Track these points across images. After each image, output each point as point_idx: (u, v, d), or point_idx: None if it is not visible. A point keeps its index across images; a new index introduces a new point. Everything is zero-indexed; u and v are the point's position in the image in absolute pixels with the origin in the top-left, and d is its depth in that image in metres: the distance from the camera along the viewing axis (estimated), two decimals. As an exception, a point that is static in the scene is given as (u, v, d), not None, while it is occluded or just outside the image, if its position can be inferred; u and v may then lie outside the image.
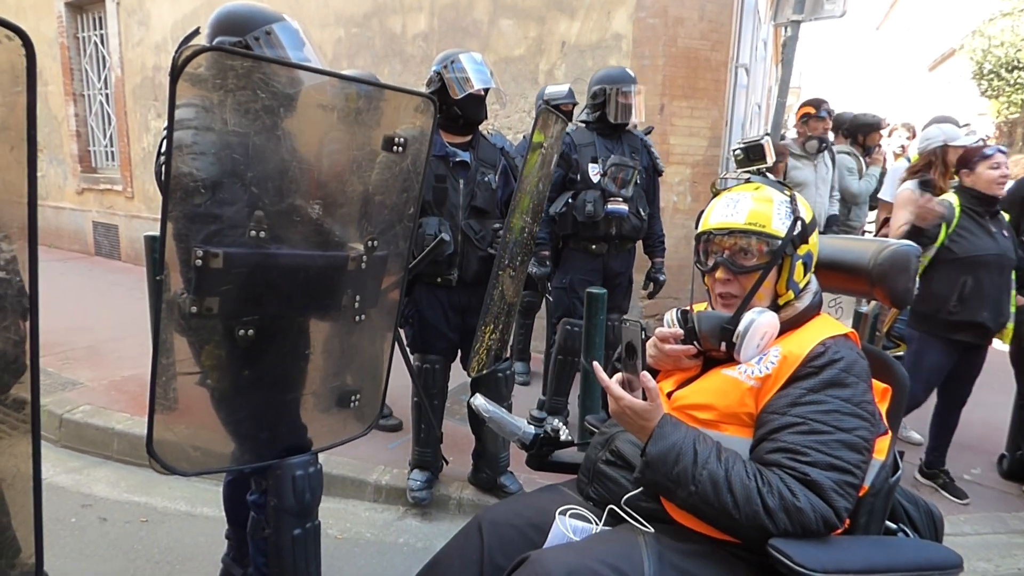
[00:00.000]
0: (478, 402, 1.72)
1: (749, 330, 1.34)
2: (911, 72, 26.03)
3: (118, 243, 8.10)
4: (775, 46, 9.32)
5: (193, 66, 1.19)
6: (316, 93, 1.49)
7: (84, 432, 3.41)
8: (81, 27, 8.04)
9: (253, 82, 1.32)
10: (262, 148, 1.38)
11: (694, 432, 1.29)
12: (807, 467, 1.20)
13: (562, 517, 1.39)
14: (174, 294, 1.36)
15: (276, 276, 1.48)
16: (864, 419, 1.26)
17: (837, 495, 1.19)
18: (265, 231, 1.41)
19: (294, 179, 1.46)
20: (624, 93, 3.24)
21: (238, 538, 2.22)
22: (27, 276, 0.88)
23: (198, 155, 1.30)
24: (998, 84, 14.14)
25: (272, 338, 1.53)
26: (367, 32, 5.69)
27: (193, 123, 1.28)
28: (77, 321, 5.20)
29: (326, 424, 1.75)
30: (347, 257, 1.59)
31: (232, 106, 1.30)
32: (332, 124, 1.53)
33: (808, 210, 1.45)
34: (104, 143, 8.21)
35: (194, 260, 1.33)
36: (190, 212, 1.32)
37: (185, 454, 1.48)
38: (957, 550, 1.24)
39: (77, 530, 2.70)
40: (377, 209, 1.65)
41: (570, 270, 3.43)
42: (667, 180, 4.69)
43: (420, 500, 2.88)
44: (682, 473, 1.23)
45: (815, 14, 4.62)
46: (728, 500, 1.20)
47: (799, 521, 1.17)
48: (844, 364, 1.29)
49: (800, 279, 1.43)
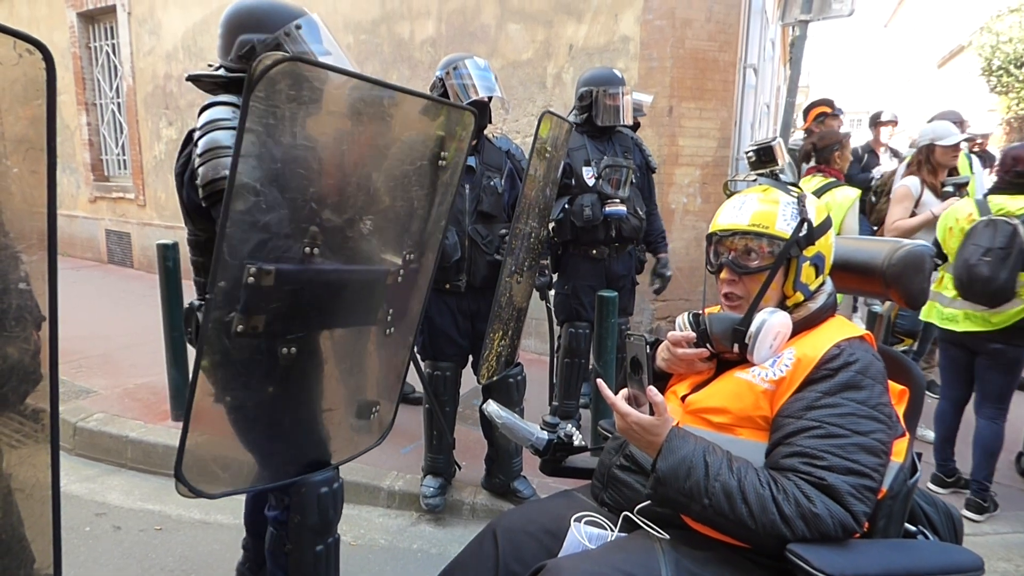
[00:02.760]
0: (491, 408, 1.72)
1: (761, 331, 1.33)
2: (920, 69, 25.89)
3: (130, 251, 8.17)
4: (783, 46, 9.29)
5: (270, 76, 1.15)
6: (374, 105, 1.43)
7: (98, 440, 3.44)
8: (93, 37, 8.12)
9: (319, 94, 1.28)
10: (323, 162, 1.35)
11: (704, 444, 1.27)
12: (824, 471, 1.19)
13: (577, 524, 1.38)
14: (220, 313, 1.29)
15: (322, 292, 1.45)
16: (881, 422, 1.24)
17: (855, 499, 1.18)
18: (318, 247, 1.37)
19: (351, 194, 1.43)
20: (611, 95, 3.21)
21: (256, 549, 2.20)
22: (47, 286, 0.88)
23: (253, 165, 1.23)
24: (1007, 80, 14.06)
25: (312, 355, 1.50)
26: (375, 38, 5.72)
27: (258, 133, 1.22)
28: (90, 329, 5.25)
29: (347, 437, 1.74)
30: (387, 271, 1.57)
31: (302, 118, 1.26)
32: (389, 138, 1.49)
33: (821, 212, 1.43)
34: (116, 152, 8.29)
35: (246, 278, 1.27)
36: (245, 226, 1.26)
37: (213, 475, 1.46)
38: (977, 551, 1.23)
39: (91, 539, 2.72)
40: (418, 223, 1.62)
41: (572, 276, 3.42)
42: (677, 182, 4.68)
43: (433, 507, 2.87)
44: (694, 487, 1.22)
45: (823, 13, 4.61)
46: (743, 510, 1.19)
47: (816, 527, 1.16)
48: (860, 366, 1.28)
49: (811, 281, 1.42)
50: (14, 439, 1.01)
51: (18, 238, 0.89)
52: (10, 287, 0.91)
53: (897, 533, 1.38)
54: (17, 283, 0.91)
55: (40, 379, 1.00)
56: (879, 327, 2.34)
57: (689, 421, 1.39)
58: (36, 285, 0.92)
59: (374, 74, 5.36)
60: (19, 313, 0.92)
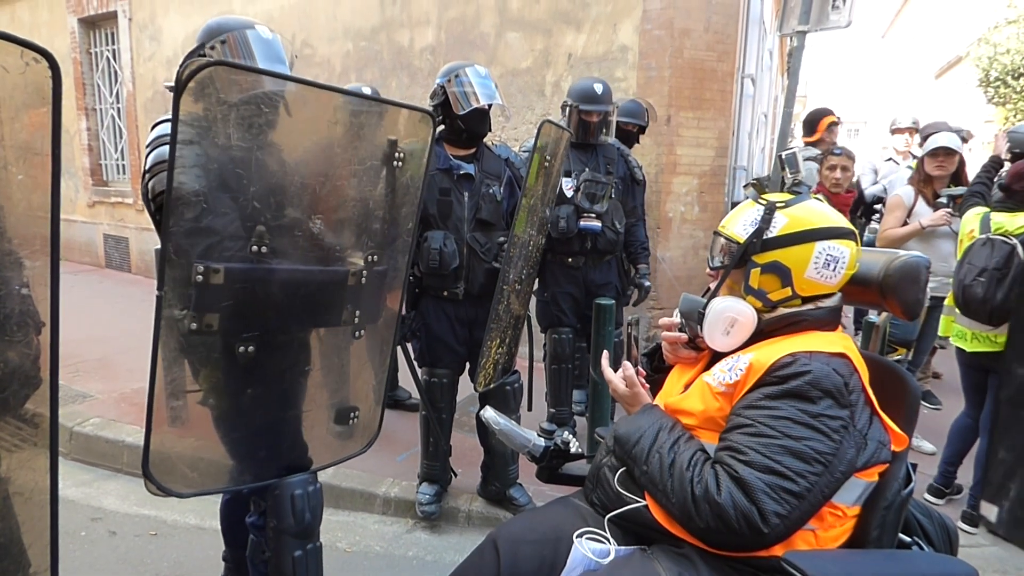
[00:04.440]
0: (488, 415, 1.72)
1: (710, 312, 1.42)
2: (918, 79, 26.02)
3: (128, 255, 8.16)
4: (781, 56, 9.34)
5: (196, 81, 1.20)
6: (315, 107, 1.49)
7: (94, 445, 3.43)
8: (94, 42, 8.15)
9: (254, 96, 1.32)
10: (263, 162, 1.38)
11: (667, 422, 1.39)
12: (742, 466, 1.22)
13: (579, 540, 1.39)
14: (173, 311, 1.35)
15: (277, 292, 1.48)
16: (820, 432, 1.23)
17: (768, 498, 1.18)
18: (266, 246, 1.41)
19: (295, 194, 1.46)
20: (585, 112, 3.21)
21: (236, 560, 2.18)
22: (48, 292, 0.89)
23: (194, 169, 1.29)
24: (1004, 91, 14.13)
25: (272, 354, 1.52)
26: (375, 45, 5.74)
27: (193, 138, 1.27)
28: (88, 333, 5.24)
29: (325, 442, 1.74)
30: (347, 272, 1.59)
31: (235, 120, 1.31)
32: (333, 138, 1.53)
33: (792, 225, 1.42)
34: (115, 156, 8.30)
35: (195, 276, 1.32)
36: (190, 227, 1.31)
37: (182, 474, 1.47)
38: (972, 562, 1.23)
39: (87, 544, 2.71)
40: (377, 224, 1.64)
41: (551, 283, 3.46)
42: (675, 191, 4.70)
43: (429, 514, 2.87)
44: (639, 453, 1.36)
45: (820, 24, 4.64)
46: (668, 484, 1.28)
47: (718, 515, 1.20)
48: (810, 378, 1.26)
49: (771, 289, 1.42)
50: (13, 443, 1.01)
51: (21, 244, 0.90)
52: (12, 292, 0.91)
53: (891, 543, 1.38)
54: (19, 288, 0.91)
55: (40, 383, 1.01)
56: (875, 337, 2.34)
57: None
58: (38, 290, 0.92)
59: (372, 82, 5.40)
60: (21, 318, 0.92)
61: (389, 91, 5.59)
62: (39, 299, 0.94)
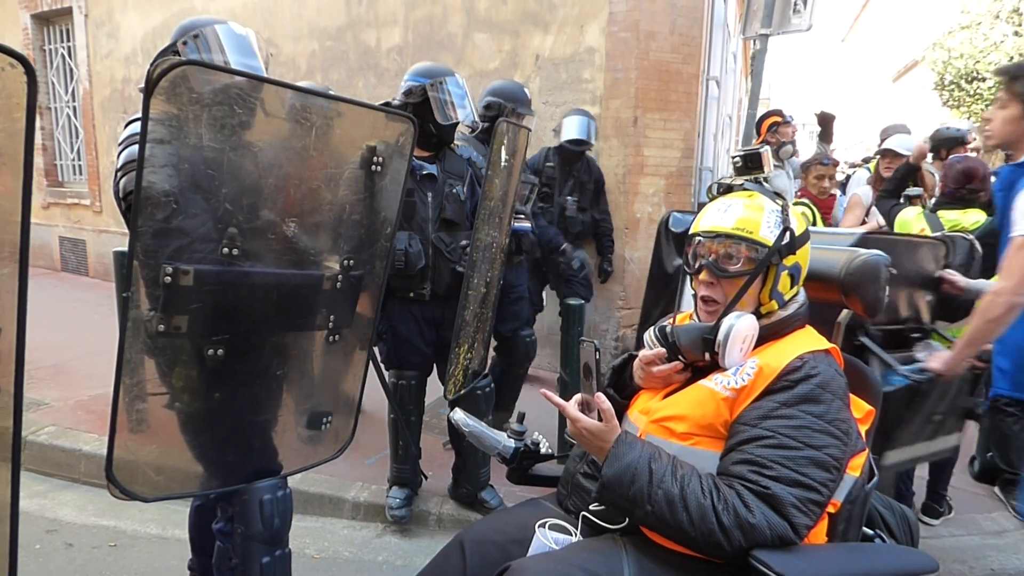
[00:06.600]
0: (458, 416, 1.70)
1: (730, 336, 1.33)
2: (875, 83, 26.70)
3: (86, 258, 7.93)
4: (745, 59, 9.50)
5: (168, 79, 1.18)
6: (291, 109, 1.47)
7: (49, 454, 3.32)
8: (48, 39, 7.90)
9: (227, 96, 1.30)
10: (235, 163, 1.36)
11: (650, 450, 1.28)
12: (770, 481, 1.20)
13: (542, 530, 1.38)
14: (141, 312, 1.32)
15: (248, 295, 1.45)
16: (836, 437, 1.25)
17: (798, 511, 1.18)
18: (238, 248, 1.38)
19: (268, 196, 1.44)
20: (519, 115, 3.24)
21: (203, 568, 2.14)
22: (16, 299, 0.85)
23: (165, 169, 1.27)
24: (959, 95, 14.54)
25: (242, 358, 1.49)
26: (341, 45, 5.67)
27: (164, 137, 1.25)
28: (43, 339, 5.05)
29: (296, 447, 1.71)
30: (322, 276, 1.57)
31: (207, 121, 1.29)
32: (309, 141, 1.50)
33: (801, 222, 1.44)
34: (71, 156, 8.06)
35: (163, 277, 1.30)
36: (159, 227, 1.29)
37: (147, 478, 1.44)
38: (932, 553, 1.26)
39: (42, 557, 2.62)
40: (353, 228, 1.62)
41: None
42: (642, 191, 4.73)
43: (399, 518, 2.83)
44: (638, 493, 1.23)
45: (782, 28, 4.72)
46: (684, 518, 1.19)
47: (753, 539, 1.16)
48: (820, 380, 1.28)
49: (786, 290, 1.43)
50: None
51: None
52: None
53: (856, 536, 1.41)
54: None
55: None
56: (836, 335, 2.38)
57: (652, 430, 1.39)
58: (5, 298, 0.89)
59: (338, 82, 5.33)
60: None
61: (356, 91, 5.52)
62: (6, 307, 0.90)
